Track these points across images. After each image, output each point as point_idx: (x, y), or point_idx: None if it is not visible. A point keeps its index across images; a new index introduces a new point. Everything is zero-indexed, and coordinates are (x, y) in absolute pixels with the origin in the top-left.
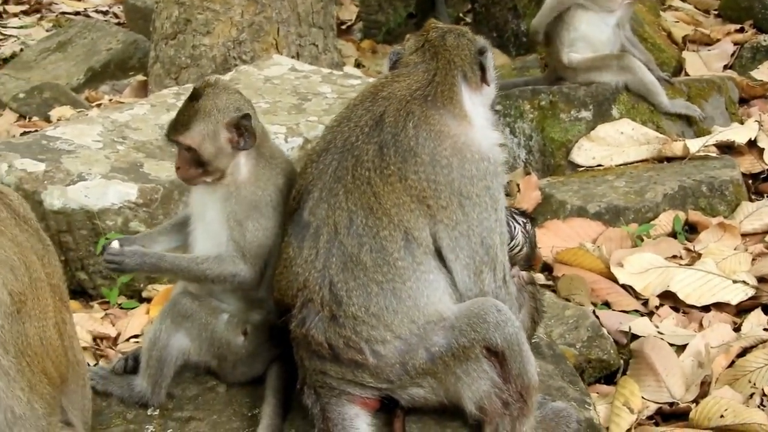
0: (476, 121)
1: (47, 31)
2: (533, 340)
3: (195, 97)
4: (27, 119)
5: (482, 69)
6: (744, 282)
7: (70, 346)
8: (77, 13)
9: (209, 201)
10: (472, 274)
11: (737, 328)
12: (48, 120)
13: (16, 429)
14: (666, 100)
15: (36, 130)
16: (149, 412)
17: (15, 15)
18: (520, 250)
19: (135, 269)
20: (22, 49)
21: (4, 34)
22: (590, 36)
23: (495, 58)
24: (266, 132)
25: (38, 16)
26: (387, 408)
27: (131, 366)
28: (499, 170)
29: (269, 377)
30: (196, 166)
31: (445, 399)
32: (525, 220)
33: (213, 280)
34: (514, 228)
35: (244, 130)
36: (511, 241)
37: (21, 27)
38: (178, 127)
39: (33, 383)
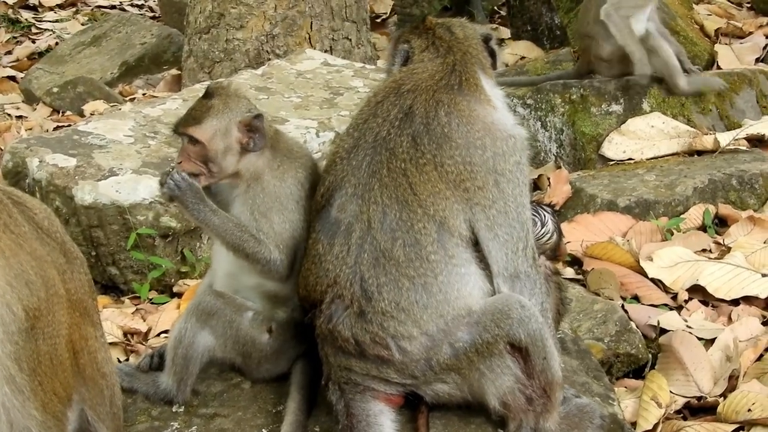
0: (497, 104)
1: (82, 25)
2: (558, 335)
3: (208, 95)
4: (60, 114)
5: (492, 54)
6: None
7: (92, 360)
8: (113, 7)
9: (231, 200)
10: (510, 252)
11: (766, 322)
12: (81, 114)
13: None
14: (683, 82)
15: (69, 125)
16: (174, 408)
17: (51, 9)
18: (550, 238)
19: (187, 204)
20: (57, 43)
21: (40, 28)
22: None
23: (529, 51)
24: (280, 132)
25: (74, 9)
26: (411, 404)
27: (156, 363)
28: (526, 144)
29: (294, 374)
30: (201, 162)
31: (468, 395)
32: (551, 210)
33: (247, 255)
34: (544, 216)
35: (255, 131)
36: (543, 228)
37: (56, 21)
38: (189, 120)
39: (45, 402)
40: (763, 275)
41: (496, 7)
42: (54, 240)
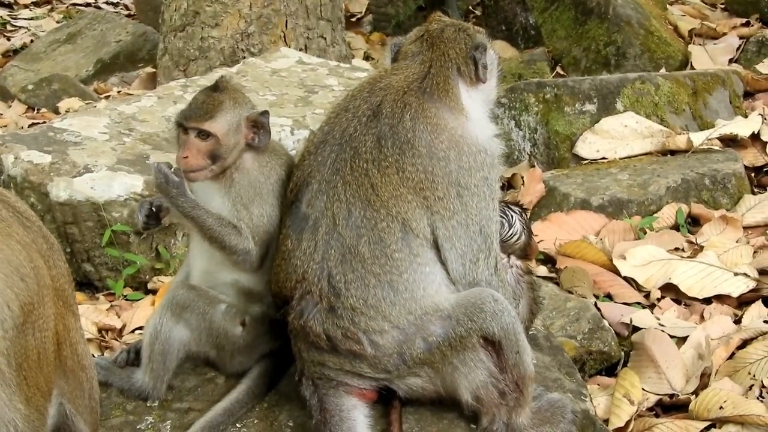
0: (473, 115)
1: (57, 22)
2: (531, 332)
3: (217, 89)
4: (35, 111)
5: (476, 65)
6: (745, 274)
7: (73, 352)
8: (88, 5)
9: (212, 191)
10: (468, 262)
11: (738, 321)
12: (56, 112)
13: None
14: None
15: (44, 122)
16: (149, 403)
17: (26, 6)
18: (519, 238)
19: (172, 199)
20: (32, 41)
21: (15, 26)
22: None
23: (504, 51)
24: None
25: (49, 7)
26: (384, 399)
27: (133, 359)
28: (496, 162)
29: (254, 367)
30: (208, 157)
31: (441, 389)
32: (519, 209)
33: (225, 247)
34: (512, 216)
35: (260, 127)
36: (510, 228)
37: (32, 18)
38: (201, 114)
39: (29, 396)
40: (735, 274)
41: (470, 7)
42: (33, 224)
